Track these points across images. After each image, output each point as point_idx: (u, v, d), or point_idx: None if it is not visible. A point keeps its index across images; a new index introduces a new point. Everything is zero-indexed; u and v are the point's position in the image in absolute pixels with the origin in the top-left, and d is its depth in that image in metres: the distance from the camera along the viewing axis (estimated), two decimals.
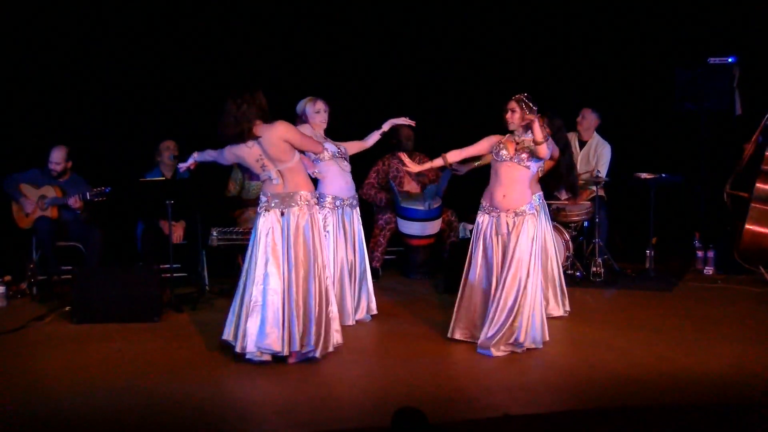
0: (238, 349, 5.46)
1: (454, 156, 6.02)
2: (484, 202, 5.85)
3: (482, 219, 5.84)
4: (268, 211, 5.50)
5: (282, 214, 5.49)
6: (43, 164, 7.49)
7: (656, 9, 8.91)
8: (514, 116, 5.72)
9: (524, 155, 5.71)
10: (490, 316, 5.68)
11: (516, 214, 5.72)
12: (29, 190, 7.43)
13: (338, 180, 6.47)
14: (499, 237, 5.74)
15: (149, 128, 8.23)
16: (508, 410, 4.68)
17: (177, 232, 7.47)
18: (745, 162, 7.80)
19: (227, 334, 5.60)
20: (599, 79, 9.08)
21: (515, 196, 5.74)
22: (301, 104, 6.48)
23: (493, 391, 5.16)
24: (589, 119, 8.15)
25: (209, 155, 5.73)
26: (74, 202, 7.29)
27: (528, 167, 5.73)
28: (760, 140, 7.71)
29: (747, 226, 7.65)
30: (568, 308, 6.64)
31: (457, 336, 5.91)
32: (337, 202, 6.47)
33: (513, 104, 5.72)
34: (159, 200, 6.95)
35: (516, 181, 5.75)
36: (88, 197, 7.26)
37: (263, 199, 5.55)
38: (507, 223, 5.72)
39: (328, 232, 6.39)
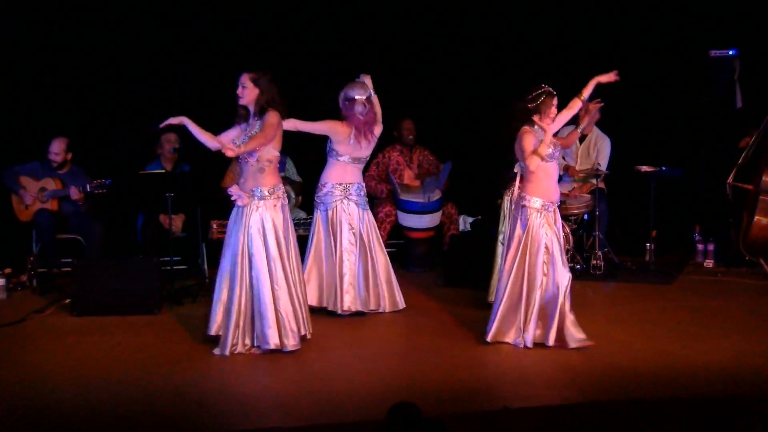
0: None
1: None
2: (537, 201, 5.65)
3: (536, 216, 5.65)
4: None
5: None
6: (43, 157, 7.48)
7: (657, 2, 8.88)
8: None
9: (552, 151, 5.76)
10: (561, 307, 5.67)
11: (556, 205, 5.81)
12: (29, 182, 7.43)
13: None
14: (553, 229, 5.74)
15: (151, 120, 8.19)
16: (508, 403, 4.69)
17: (177, 225, 7.46)
18: (748, 154, 7.81)
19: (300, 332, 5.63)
20: (599, 72, 9.03)
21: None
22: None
23: (493, 384, 5.18)
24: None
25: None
26: (75, 192, 7.28)
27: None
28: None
29: (757, 218, 7.65)
30: None
31: (507, 340, 5.70)
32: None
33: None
34: (159, 193, 6.95)
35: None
36: (89, 189, 7.25)
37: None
38: (558, 213, 5.80)
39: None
